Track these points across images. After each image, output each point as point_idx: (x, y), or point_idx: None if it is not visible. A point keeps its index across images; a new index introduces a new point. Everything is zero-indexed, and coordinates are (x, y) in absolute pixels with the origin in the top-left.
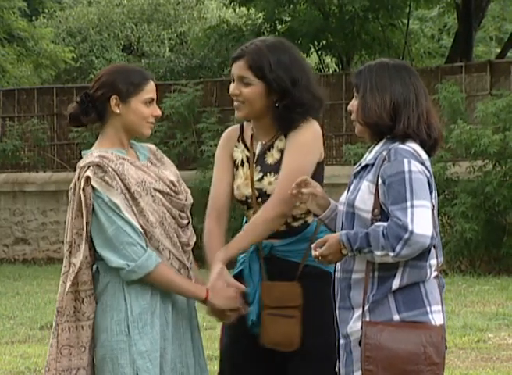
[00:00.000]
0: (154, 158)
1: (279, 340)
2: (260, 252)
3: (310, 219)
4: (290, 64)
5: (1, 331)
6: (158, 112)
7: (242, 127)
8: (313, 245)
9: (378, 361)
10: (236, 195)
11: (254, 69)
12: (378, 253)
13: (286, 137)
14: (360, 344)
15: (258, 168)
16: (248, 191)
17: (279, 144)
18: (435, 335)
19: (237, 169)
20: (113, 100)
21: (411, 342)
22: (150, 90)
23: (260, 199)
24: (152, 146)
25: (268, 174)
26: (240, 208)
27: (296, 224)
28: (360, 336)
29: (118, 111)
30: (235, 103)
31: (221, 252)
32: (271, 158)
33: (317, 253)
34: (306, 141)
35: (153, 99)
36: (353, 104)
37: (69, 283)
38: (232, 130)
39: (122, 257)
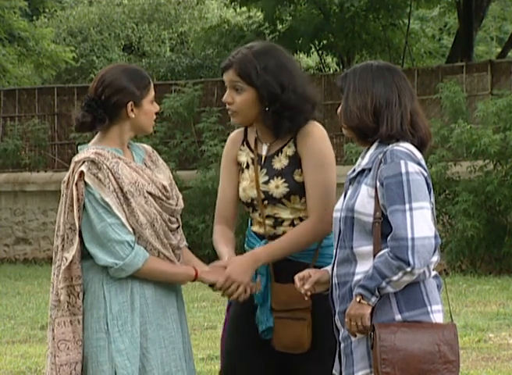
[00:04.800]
0: (149, 161)
1: (289, 343)
2: None
3: None
4: (277, 69)
5: (2, 331)
6: (158, 108)
7: (246, 130)
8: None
9: (394, 363)
10: (242, 197)
11: (243, 76)
12: (396, 277)
13: (295, 144)
14: (370, 345)
15: (264, 171)
16: (254, 193)
17: (287, 150)
18: (448, 333)
19: (243, 171)
20: (129, 106)
21: (425, 341)
22: (152, 88)
23: (266, 202)
24: (148, 147)
25: (275, 178)
26: (245, 211)
27: None
28: (370, 336)
29: (133, 115)
30: (228, 111)
31: (259, 251)
32: (278, 164)
33: (346, 319)
34: (324, 153)
35: (154, 97)
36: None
37: (61, 279)
38: (237, 133)
39: (110, 254)
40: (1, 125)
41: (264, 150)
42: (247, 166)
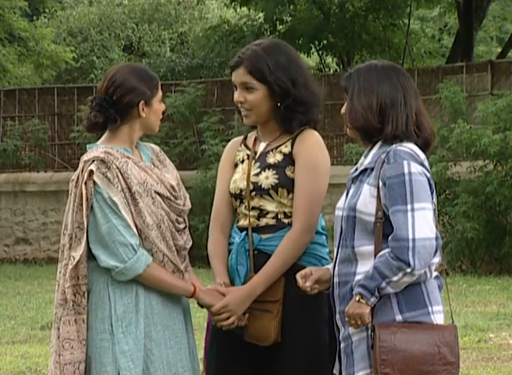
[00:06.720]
0: (157, 160)
1: (257, 334)
2: (249, 245)
3: None
4: (288, 64)
5: (2, 331)
6: (164, 107)
7: (245, 138)
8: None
9: (394, 363)
10: (232, 189)
11: (254, 73)
12: (396, 277)
13: (292, 145)
14: (370, 345)
15: (257, 164)
16: (243, 184)
17: (283, 148)
18: (448, 335)
19: (237, 166)
20: (141, 105)
21: (425, 343)
22: (160, 87)
23: (254, 193)
24: (156, 147)
25: (266, 170)
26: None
27: (286, 221)
28: (370, 336)
29: (144, 115)
30: (241, 111)
31: (257, 278)
32: (272, 159)
33: (346, 319)
34: (319, 161)
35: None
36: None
37: (68, 277)
38: (235, 140)
39: (113, 256)
40: (1, 125)
41: (261, 147)
42: (242, 161)
